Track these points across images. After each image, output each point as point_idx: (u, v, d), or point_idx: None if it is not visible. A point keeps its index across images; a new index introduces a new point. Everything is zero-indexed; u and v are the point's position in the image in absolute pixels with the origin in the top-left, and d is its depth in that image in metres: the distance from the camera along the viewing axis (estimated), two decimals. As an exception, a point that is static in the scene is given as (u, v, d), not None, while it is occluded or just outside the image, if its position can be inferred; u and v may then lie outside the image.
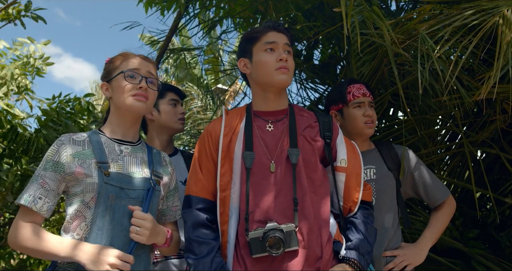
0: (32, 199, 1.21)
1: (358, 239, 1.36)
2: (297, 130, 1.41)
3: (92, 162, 1.26)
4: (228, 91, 8.57)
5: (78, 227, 1.23)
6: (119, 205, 1.25)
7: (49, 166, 1.25)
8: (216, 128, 1.47)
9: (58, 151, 1.26)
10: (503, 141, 2.40)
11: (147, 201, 1.29)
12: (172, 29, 3.65)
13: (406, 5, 3.12)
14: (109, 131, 1.37)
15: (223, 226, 1.36)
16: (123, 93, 1.32)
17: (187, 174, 2.01)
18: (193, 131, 6.57)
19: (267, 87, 1.43)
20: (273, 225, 1.26)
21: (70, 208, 1.25)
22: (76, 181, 1.25)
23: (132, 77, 1.33)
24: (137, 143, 1.41)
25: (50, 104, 2.64)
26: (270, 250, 1.23)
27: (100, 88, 1.41)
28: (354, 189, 1.42)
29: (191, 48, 4.18)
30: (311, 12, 2.94)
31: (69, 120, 2.45)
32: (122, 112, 1.35)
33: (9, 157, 2.64)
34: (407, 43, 1.84)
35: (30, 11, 2.83)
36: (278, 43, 1.42)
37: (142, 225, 1.23)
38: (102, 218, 1.22)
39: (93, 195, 1.23)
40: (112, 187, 1.25)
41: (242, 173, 1.37)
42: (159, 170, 1.41)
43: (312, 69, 3.18)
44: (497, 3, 1.71)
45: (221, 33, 3.61)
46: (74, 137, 1.32)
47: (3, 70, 3.78)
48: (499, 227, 2.49)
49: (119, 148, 1.35)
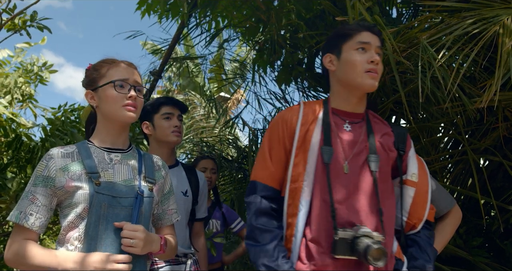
0: (23, 215, 1.20)
1: (424, 261, 1.32)
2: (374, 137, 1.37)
3: (82, 173, 1.25)
4: (231, 99, 8.60)
5: (72, 237, 1.22)
6: (112, 214, 1.23)
7: (39, 181, 1.23)
8: (293, 117, 1.40)
9: (47, 165, 1.25)
10: (505, 148, 2.40)
11: (136, 209, 1.27)
12: (175, 38, 3.69)
13: (406, 13, 3.15)
14: (98, 141, 1.35)
15: (290, 218, 1.31)
16: (114, 103, 1.30)
17: (188, 185, 2.04)
18: (195, 139, 6.59)
19: (353, 88, 1.37)
20: (366, 232, 1.21)
21: (63, 220, 1.25)
22: (67, 194, 1.23)
23: (121, 87, 1.32)
24: (127, 150, 1.39)
25: (55, 113, 2.66)
26: (373, 262, 1.16)
27: (85, 98, 1.38)
28: (421, 206, 1.38)
29: (193, 56, 4.22)
30: (313, 21, 2.97)
31: (75, 128, 2.47)
32: (110, 121, 1.34)
33: (14, 166, 2.66)
34: (408, 51, 1.85)
35: (36, 21, 2.87)
36: (372, 44, 1.36)
37: (135, 236, 1.21)
38: (95, 228, 1.21)
39: (85, 205, 1.22)
40: (103, 196, 1.23)
41: (318, 167, 1.31)
42: (151, 175, 1.39)
43: (314, 78, 3.19)
44: (497, 11, 1.73)
45: (223, 41, 3.64)
46: (63, 149, 1.30)
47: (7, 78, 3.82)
48: (504, 235, 2.48)
49: (108, 156, 1.32)
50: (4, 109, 2.54)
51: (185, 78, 7.26)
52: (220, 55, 4.37)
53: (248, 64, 4.12)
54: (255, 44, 3.52)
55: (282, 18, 2.91)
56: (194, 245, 2.09)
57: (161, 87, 7.33)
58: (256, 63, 3.43)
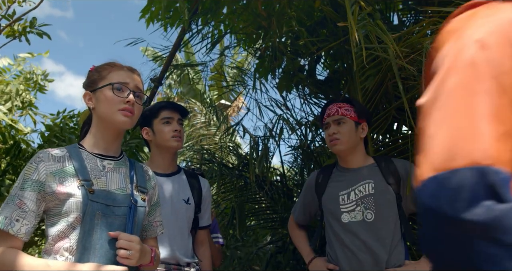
0: (9, 221, 1.11)
1: None
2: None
3: (74, 180, 1.19)
4: (232, 106, 8.60)
5: (62, 248, 1.16)
6: (106, 223, 1.18)
7: (27, 185, 1.16)
8: None
9: (37, 168, 1.18)
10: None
11: (131, 219, 1.23)
12: (176, 45, 3.68)
13: (408, 20, 3.14)
14: (90, 145, 1.29)
15: None
16: (110, 106, 1.26)
17: (189, 192, 1.99)
18: (196, 147, 6.56)
19: None
20: None
21: (52, 229, 1.18)
22: (57, 201, 1.17)
23: (119, 90, 1.27)
24: (120, 157, 1.34)
25: (54, 120, 2.64)
26: None
27: (83, 99, 1.33)
28: None
29: (194, 64, 4.21)
30: (313, 28, 2.96)
31: (73, 135, 2.44)
32: (105, 125, 1.29)
33: (12, 173, 2.63)
34: (411, 57, 1.83)
35: (35, 28, 2.86)
36: None
37: (132, 247, 1.16)
38: (88, 238, 1.15)
39: (77, 215, 1.16)
40: (97, 204, 1.18)
41: None
42: (143, 184, 1.35)
43: (315, 84, 3.18)
44: (501, 17, 1.71)
45: (224, 48, 3.63)
46: (53, 152, 1.23)
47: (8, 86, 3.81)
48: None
49: (101, 163, 1.27)
50: (3, 116, 2.52)
51: (186, 85, 7.25)
52: (221, 62, 4.37)
53: (249, 71, 4.11)
54: (256, 51, 3.52)
55: (283, 25, 2.91)
56: (197, 254, 2.03)
57: (161, 95, 7.34)
58: (258, 71, 3.42)
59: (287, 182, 3.85)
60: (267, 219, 3.97)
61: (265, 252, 4.52)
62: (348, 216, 1.74)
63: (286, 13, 2.91)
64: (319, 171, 1.96)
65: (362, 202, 1.73)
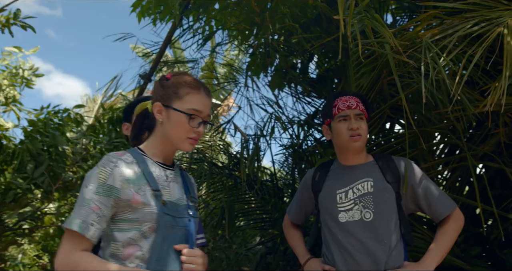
0: (85, 225, 1.13)
1: None
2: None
3: (147, 189, 1.21)
4: (222, 105, 8.53)
5: (133, 255, 1.17)
6: (174, 234, 1.23)
7: (102, 190, 1.16)
8: None
9: (112, 173, 1.18)
10: (505, 155, 2.35)
11: (191, 231, 1.27)
12: (166, 41, 3.61)
13: (401, 19, 3.12)
14: (151, 153, 1.31)
15: None
16: (181, 132, 1.28)
17: None
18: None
19: None
20: None
21: (120, 234, 1.19)
22: (129, 208, 1.19)
23: (193, 119, 1.29)
24: (174, 168, 1.37)
25: (38, 115, 2.55)
26: None
27: (153, 108, 1.32)
28: None
29: (184, 60, 4.14)
30: (307, 25, 2.91)
31: (57, 131, 2.35)
32: (169, 142, 1.31)
33: (-7, 169, 2.53)
34: (408, 52, 1.79)
35: (19, 19, 2.76)
36: None
37: (195, 262, 1.22)
38: (161, 249, 1.19)
39: (151, 225, 1.19)
40: (168, 216, 1.22)
41: None
42: (194, 195, 1.40)
43: (308, 83, 3.13)
44: (500, 13, 1.68)
45: (216, 45, 3.57)
46: (123, 157, 1.24)
47: (-9, 81, 3.68)
48: (503, 244, 2.42)
49: (164, 173, 1.31)
50: (-16, 111, 2.41)
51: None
52: (212, 60, 4.30)
53: (241, 69, 4.05)
54: (248, 48, 3.46)
55: (276, 21, 2.85)
56: None
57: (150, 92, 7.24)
58: (250, 69, 3.36)
59: (277, 182, 3.79)
60: (257, 219, 3.92)
61: (254, 253, 4.47)
62: (345, 215, 1.68)
63: (280, 10, 2.86)
64: (316, 168, 1.89)
65: (361, 201, 1.67)
